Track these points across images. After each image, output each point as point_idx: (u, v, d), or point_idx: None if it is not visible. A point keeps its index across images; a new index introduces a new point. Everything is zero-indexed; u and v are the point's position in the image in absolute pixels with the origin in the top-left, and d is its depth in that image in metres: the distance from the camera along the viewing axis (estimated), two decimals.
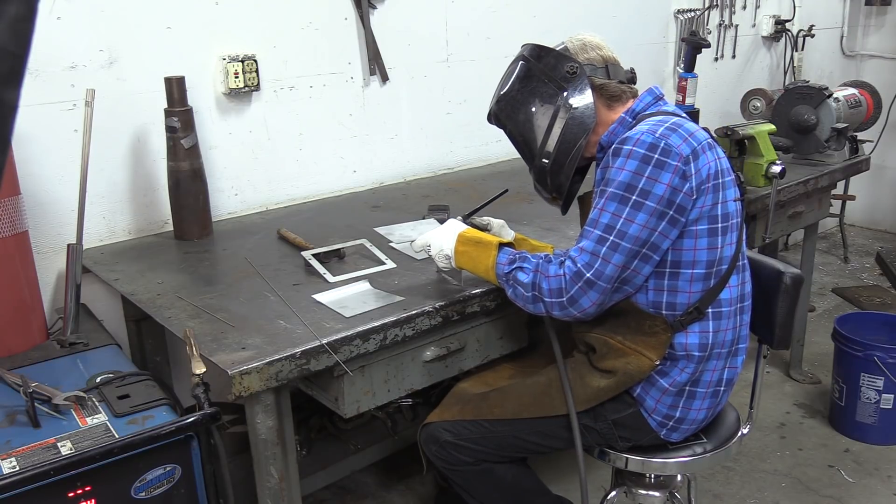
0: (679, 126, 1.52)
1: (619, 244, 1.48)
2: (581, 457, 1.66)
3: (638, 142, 1.49)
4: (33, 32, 0.59)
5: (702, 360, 1.61)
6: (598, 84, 1.64)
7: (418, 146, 2.84)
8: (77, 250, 1.79)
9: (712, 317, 1.60)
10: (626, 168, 1.49)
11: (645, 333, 1.59)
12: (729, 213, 1.56)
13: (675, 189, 1.47)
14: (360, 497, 2.55)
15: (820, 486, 2.59)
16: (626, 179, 1.49)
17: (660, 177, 1.47)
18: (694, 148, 1.50)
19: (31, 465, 1.24)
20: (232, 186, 2.38)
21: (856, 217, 5.17)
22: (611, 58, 1.68)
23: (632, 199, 1.48)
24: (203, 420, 1.37)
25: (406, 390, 1.69)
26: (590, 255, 1.50)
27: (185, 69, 2.14)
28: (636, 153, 1.48)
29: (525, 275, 1.56)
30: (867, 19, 4.91)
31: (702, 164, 1.50)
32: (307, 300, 1.66)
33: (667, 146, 1.48)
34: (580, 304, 1.51)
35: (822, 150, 2.97)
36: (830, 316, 3.74)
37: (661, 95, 1.67)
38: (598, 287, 1.49)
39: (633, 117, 1.64)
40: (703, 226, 1.53)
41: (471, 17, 2.87)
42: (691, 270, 1.56)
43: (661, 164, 1.47)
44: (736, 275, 1.63)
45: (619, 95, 1.66)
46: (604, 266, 1.49)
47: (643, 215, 1.47)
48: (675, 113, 1.61)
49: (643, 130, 1.51)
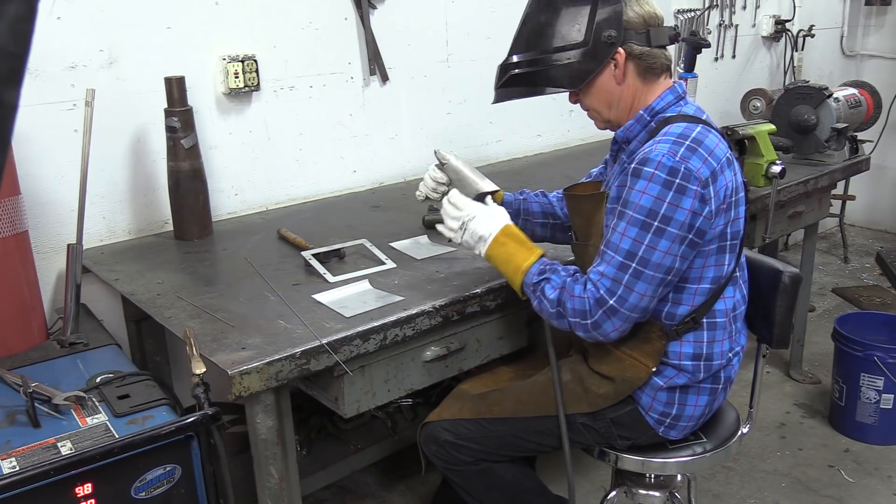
0: (699, 143, 1.47)
1: (642, 272, 1.45)
2: (569, 457, 1.66)
3: (659, 165, 1.44)
4: (33, 32, 0.59)
5: (696, 369, 1.61)
6: (637, 53, 1.54)
7: (418, 146, 2.84)
8: (77, 250, 1.79)
9: (707, 327, 1.60)
10: (647, 192, 1.45)
11: (641, 340, 1.59)
12: (738, 230, 1.55)
13: (696, 213, 1.45)
14: (360, 497, 2.55)
15: (820, 486, 2.59)
16: (648, 205, 1.44)
17: (681, 202, 1.44)
18: (713, 169, 1.47)
19: (31, 465, 1.24)
20: (232, 186, 2.38)
21: (856, 217, 5.17)
22: (653, 16, 1.55)
23: (654, 224, 1.44)
24: (203, 420, 1.37)
25: (406, 390, 1.69)
26: (611, 280, 1.47)
27: (185, 69, 2.14)
28: (658, 177, 1.44)
29: (552, 290, 1.53)
30: (867, 19, 4.91)
31: (720, 185, 1.48)
32: (307, 300, 1.66)
33: (687, 170, 1.44)
34: (604, 328, 1.49)
35: (822, 150, 2.97)
36: (830, 316, 3.74)
37: (682, 94, 1.61)
38: (621, 315, 1.47)
39: (651, 116, 1.58)
40: (714, 245, 1.52)
41: (471, 17, 2.88)
42: (697, 286, 1.56)
43: (683, 189, 1.43)
44: (732, 286, 1.63)
45: (656, 68, 1.58)
46: (627, 293, 1.46)
47: (666, 242, 1.45)
48: (695, 117, 1.55)
49: (664, 151, 1.46)
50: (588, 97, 1.61)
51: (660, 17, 1.57)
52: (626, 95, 1.58)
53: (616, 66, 1.55)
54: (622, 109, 1.60)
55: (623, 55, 1.54)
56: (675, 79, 3.72)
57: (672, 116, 1.56)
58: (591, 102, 1.62)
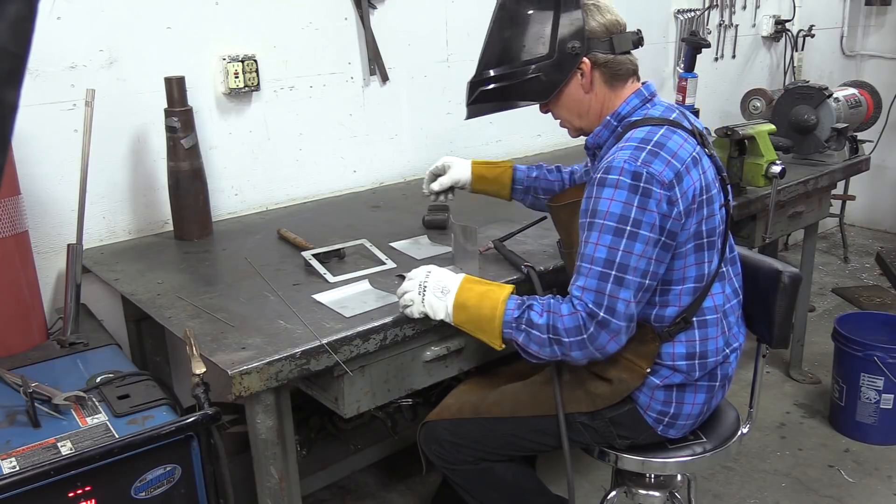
0: (662, 146, 1.48)
1: (623, 278, 1.45)
2: (568, 456, 1.66)
3: (622, 171, 1.45)
4: (33, 32, 0.59)
5: (691, 368, 1.61)
6: (602, 61, 1.57)
7: (418, 146, 2.84)
8: (77, 250, 1.79)
9: (697, 325, 1.60)
10: (614, 198, 1.45)
11: (636, 342, 1.59)
12: (714, 226, 1.55)
13: (665, 215, 1.46)
14: (360, 497, 2.54)
15: (820, 486, 2.59)
16: (618, 211, 1.45)
17: (647, 205, 1.44)
18: (677, 171, 1.47)
19: (31, 465, 1.24)
20: (232, 186, 2.38)
21: (856, 217, 5.17)
22: (615, 24, 1.58)
23: (627, 229, 1.44)
24: (203, 420, 1.37)
25: (406, 390, 1.69)
26: (594, 293, 1.46)
27: (185, 69, 2.14)
28: (623, 183, 1.44)
29: (538, 315, 1.49)
30: (867, 19, 4.91)
31: (686, 185, 1.48)
32: (307, 300, 1.66)
33: (649, 174, 1.44)
34: (599, 342, 1.47)
35: (822, 150, 2.97)
36: (830, 316, 3.74)
37: (650, 96, 1.62)
38: (613, 325, 1.46)
39: (617, 121, 1.60)
40: (690, 244, 1.53)
41: (471, 17, 2.87)
42: (681, 286, 1.56)
43: (648, 193, 1.44)
44: (719, 282, 1.62)
45: (622, 74, 1.59)
46: (613, 303, 1.45)
47: (640, 245, 1.45)
48: (662, 118, 1.56)
49: (625, 158, 1.46)
50: (558, 108, 1.64)
51: (622, 24, 1.60)
52: (594, 103, 1.61)
53: (583, 75, 1.58)
54: (592, 117, 1.63)
55: (588, 64, 1.57)
56: (675, 79, 3.73)
57: (637, 121, 1.57)
58: (561, 112, 1.65)
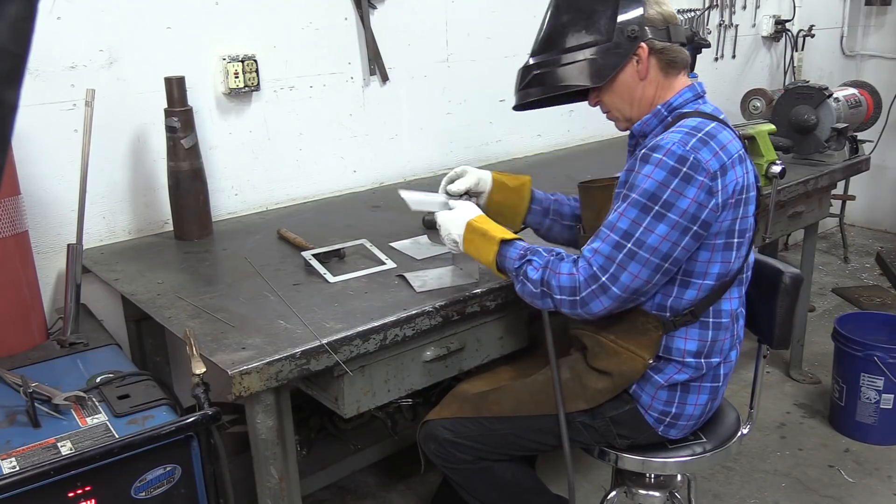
0: (712, 137, 1.48)
1: (636, 253, 1.46)
2: (568, 456, 1.66)
3: (668, 152, 1.45)
4: (33, 32, 0.59)
5: (698, 366, 1.62)
6: (659, 48, 1.56)
7: (418, 146, 2.84)
8: (77, 250, 1.79)
9: (712, 326, 1.61)
10: (652, 176, 1.45)
11: (637, 332, 1.59)
12: (746, 228, 1.55)
13: (701, 205, 1.45)
14: (360, 497, 2.54)
15: (820, 486, 2.59)
16: (651, 188, 1.45)
17: (685, 191, 1.44)
18: (723, 163, 1.47)
19: (31, 465, 1.24)
20: (232, 186, 2.38)
21: (856, 217, 5.17)
22: (672, 15, 1.59)
23: (654, 208, 1.45)
24: (203, 420, 1.37)
25: (406, 390, 1.69)
26: (605, 258, 1.48)
27: (185, 69, 2.14)
28: (665, 164, 1.45)
29: (535, 271, 1.54)
30: (867, 19, 4.91)
31: (729, 179, 1.48)
32: (307, 300, 1.66)
33: (696, 160, 1.44)
34: (590, 307, 1.50)
35: (822, 150, 2.96)
36: (830, 316, 3.74)
37: (702, 93, 1.62)
38: (611, 293, 1.47)
39: (668, 111, 1.59)
40: (721, 240, 1.52)
41: (471, 17, 2.87)
42: (701, 281, 1.56)
43: (688, 179, 1.44)
44: (738, 287, 1.63)
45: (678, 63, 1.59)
46: (619, 272, 1.47)
47: (664, 227, 1.45)
48: (712, 115, 1.56)
49: (675, 140, 1.46)
50: (610, 94, 1.62)
51: (677, 17, 1.60)
52: (647, 91, 1.59)
53: (639, 61, 1.56)
54: (643, 105, 1.61)
55: (646, 50, 1.55)
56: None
57: (689, 112, 1.56)
58: (612, 100, 1.63)
